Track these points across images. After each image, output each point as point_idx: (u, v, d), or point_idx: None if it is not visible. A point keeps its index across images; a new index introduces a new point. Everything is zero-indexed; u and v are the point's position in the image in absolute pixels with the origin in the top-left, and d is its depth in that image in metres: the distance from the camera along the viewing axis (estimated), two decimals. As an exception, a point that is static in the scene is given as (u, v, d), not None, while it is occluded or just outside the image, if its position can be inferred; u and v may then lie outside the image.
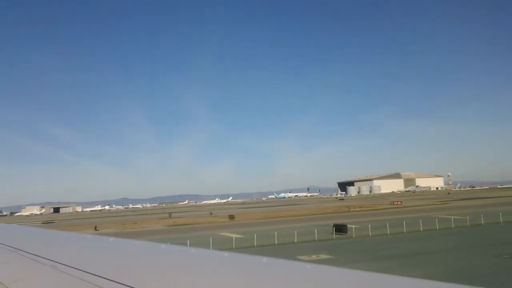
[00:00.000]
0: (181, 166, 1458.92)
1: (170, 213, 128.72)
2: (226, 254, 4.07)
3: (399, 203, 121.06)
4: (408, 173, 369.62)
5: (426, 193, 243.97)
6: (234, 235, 56.15)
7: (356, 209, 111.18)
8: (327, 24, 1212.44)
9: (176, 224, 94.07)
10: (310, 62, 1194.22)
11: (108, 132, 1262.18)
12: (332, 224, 57.12)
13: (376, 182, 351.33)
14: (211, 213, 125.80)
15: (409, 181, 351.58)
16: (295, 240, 45.34)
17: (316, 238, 45.57)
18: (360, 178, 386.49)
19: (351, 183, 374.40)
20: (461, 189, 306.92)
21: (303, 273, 3.03)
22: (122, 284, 2.94)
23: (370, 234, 48.37)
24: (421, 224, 52.90)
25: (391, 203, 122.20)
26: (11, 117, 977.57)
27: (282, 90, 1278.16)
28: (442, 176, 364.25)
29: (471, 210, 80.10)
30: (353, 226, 60.01)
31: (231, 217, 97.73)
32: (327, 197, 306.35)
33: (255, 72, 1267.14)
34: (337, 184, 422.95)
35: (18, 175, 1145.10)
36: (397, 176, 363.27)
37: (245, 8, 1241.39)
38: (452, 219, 60.11)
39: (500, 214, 58.14)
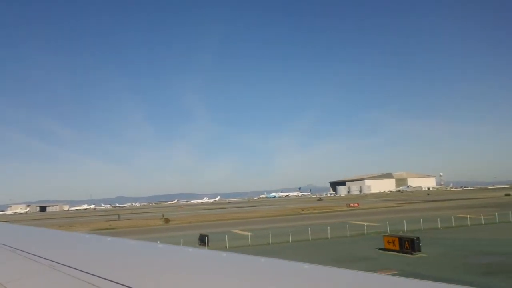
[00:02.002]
0: (180, 165, 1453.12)
1: (119, 215, 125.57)
2: (224, 254, 4.02)
3: (356, 205, 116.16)
4: (400, 173, 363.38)
5: (415, 193, 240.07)
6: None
7: (307, 212, 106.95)
8: (327, 24, 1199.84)
9: (106, 228, 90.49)
10: (310, 62, 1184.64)
11: (106, 130, 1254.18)
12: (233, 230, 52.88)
13: (367, 182, 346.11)
14: (163, 215, 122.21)
15: (400, 181, 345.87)
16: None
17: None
18: (352, 178, 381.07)
19: (343, 183, 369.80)
20: (451, 189, 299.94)
21: (302, 273, 2.99)
22: (120, 284, 2.94)
23: (227, 245, 44.05)
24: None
25: (347, 205, 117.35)
26: (9, 115, 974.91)
27: (282, 90, 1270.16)
28: (434, 176, 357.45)
29: (408, 215, 75.50)
30: (248, 233, 56.11)
31: (166, 220, 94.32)
32: (316, 197, 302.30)
33: (255, 71, 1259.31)
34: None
35: (14, 173, 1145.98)
36: (389, 176, 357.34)
37: (245, 7, 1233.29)
38: (365, 226, 55.77)
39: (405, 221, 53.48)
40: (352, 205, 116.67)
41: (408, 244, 34.85)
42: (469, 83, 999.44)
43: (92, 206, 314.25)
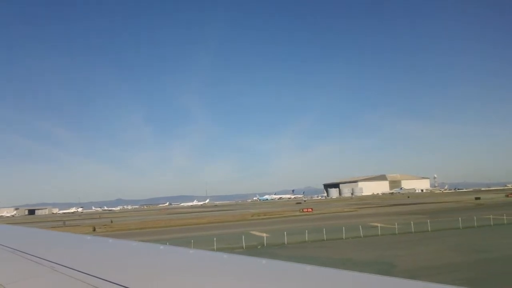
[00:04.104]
0: (179, 167, 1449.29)
1: (64, 221, 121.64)
2: (225, 255, 4.06)
3: (310, 210, 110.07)
4: (394, 174, 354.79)
5: (404, 195, 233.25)
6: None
7: (254, 218, 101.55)
8: (327, 24, 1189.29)
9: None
10: (310, 62, 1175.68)
11: (105, 132, 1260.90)
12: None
13: (360, 184, 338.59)
14: (111, 221, 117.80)
15: (394, 183, 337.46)
16: None
17: None
18: (345, 180, 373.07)
19: (337, 185, 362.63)
20: (444, 191, 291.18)
21: (303, 275, 3.00)
22: (121, 285, 2.96)
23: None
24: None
25: (300, 210, 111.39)
26: (9, 116, 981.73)
27: (281, 90, 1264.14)
28: (428, 178, 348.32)
29: (339, 221, 69.69)
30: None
31: (94, 228, 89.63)
32: (307, 199, 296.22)
33: (254, 72, 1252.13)
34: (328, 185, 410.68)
35: (14, 175, 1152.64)
36: (382, 177, 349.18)
37: (245, 8, 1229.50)
38: (264, 236, 50.51)
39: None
40: (306, 210, 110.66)
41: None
42: (468, 84, 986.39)
43: (80, 209, 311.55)
